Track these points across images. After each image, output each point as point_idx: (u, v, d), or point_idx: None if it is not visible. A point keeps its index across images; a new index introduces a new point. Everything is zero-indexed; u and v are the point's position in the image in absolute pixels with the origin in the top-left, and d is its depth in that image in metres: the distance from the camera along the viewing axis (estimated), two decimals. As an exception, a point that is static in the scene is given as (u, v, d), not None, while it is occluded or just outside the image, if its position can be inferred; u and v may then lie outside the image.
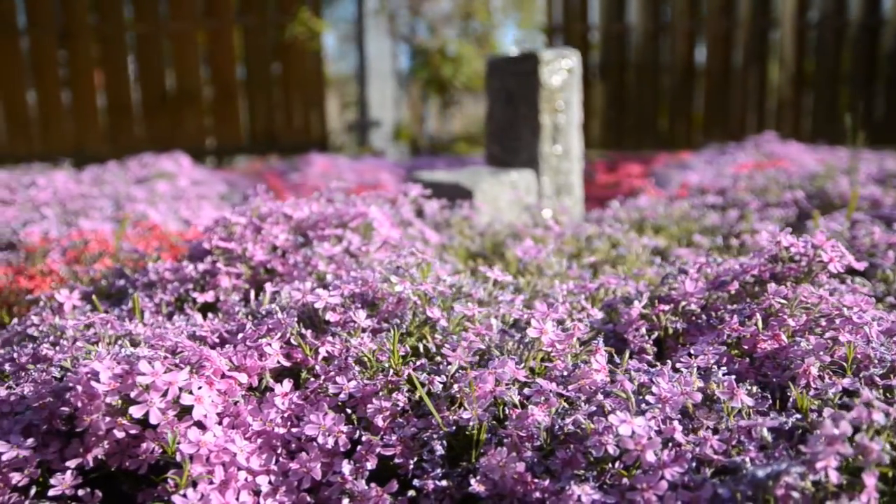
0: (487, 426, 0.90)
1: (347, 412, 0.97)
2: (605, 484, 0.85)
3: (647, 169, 3.95)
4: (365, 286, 1.13)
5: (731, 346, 1.09)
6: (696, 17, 5.99)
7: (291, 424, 0.97)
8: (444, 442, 0.90)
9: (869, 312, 1.08)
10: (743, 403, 0.92)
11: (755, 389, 0.96)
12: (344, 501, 0.86)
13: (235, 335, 1.15)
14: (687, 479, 0.82)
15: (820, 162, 2.92)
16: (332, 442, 0.91)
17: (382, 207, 1.57)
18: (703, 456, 0.86)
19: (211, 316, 1.28)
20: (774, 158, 3.18)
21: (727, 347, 1.08)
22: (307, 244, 1.46)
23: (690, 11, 5.99)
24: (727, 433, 0.89)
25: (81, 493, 0.92)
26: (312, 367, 1.03)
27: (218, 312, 1.33)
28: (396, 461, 0.90)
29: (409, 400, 0.97)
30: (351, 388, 0.97)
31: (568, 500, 0.81)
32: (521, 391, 0.95)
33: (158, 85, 6.01)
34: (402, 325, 1.09)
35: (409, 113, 8.22)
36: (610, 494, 0.82)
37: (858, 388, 0.92)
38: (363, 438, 0.92)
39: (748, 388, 0.95)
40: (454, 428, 0.91)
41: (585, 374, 0.97)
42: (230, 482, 0.89)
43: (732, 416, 0.92)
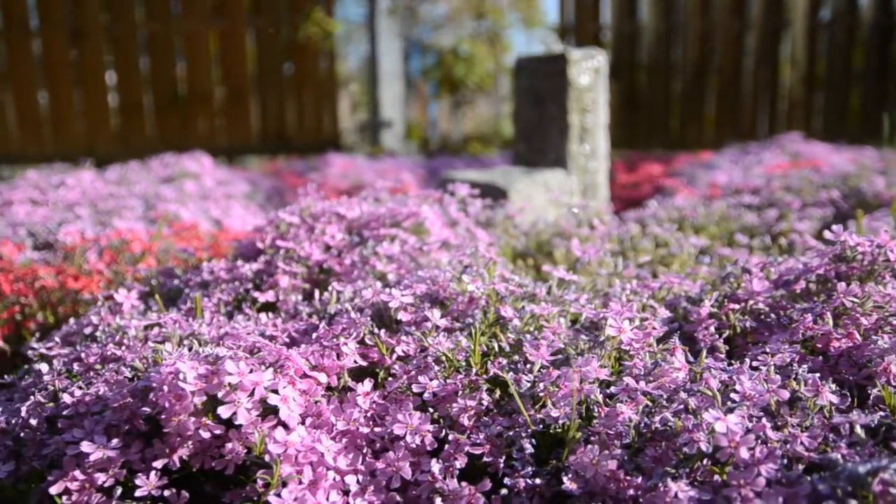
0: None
1: (429, 411, 0.97)
2: (695, 481, 0.85)
3: (667, 169, 3.94)
4: (435, 286, 1.13)
5: (802, 343, 1.09)
6: (707, 17, 6.00)
7: (374, 424, 0.97)
8: (532, 440, 0.90)
9: (940, 310, 1.09)
10: (828, 401, 0.92)
11: (835, 387, 0.96)
12: (436, 501, 0.86)
13: (304, 335, 1.16)
14: (780, 475, 0.83)
15: (850, 161, 2.92)
16: (418, 441, 0.92)
17: (432, 207, 1.58)
18: (792, 453, 0.87)
19: (272, 315, 1.28)
20: (800, 158, 3.18)
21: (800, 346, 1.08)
22: (361, 243, 1.46)
23: (702, 11, 6.00)
24: (816, 430, 0.89)
25: (167, 493, 0.92)
26: (389, 366, 1.04)
27: (278, 312, 1.33)
28: (485, 460, 0.91)
29: (489, 398, 0.97)
30: (434, 386, 0.97)
31: (664, 496, 0.82)
32: (602, 389, 0.96)
33: (170, 85, 6.01)
34: (473, 324, 1.09)
35: (418, 113, 8.23)
36: (703, 491, 0.82)
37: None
38: (449, 437, 0.92)
39: (830, 386, 0.95)
40: (541, 426, 0.91)
41: (665, 372, 0.98)
42: (319, 482, 0.89)
43: (816, 412, 0.93)
